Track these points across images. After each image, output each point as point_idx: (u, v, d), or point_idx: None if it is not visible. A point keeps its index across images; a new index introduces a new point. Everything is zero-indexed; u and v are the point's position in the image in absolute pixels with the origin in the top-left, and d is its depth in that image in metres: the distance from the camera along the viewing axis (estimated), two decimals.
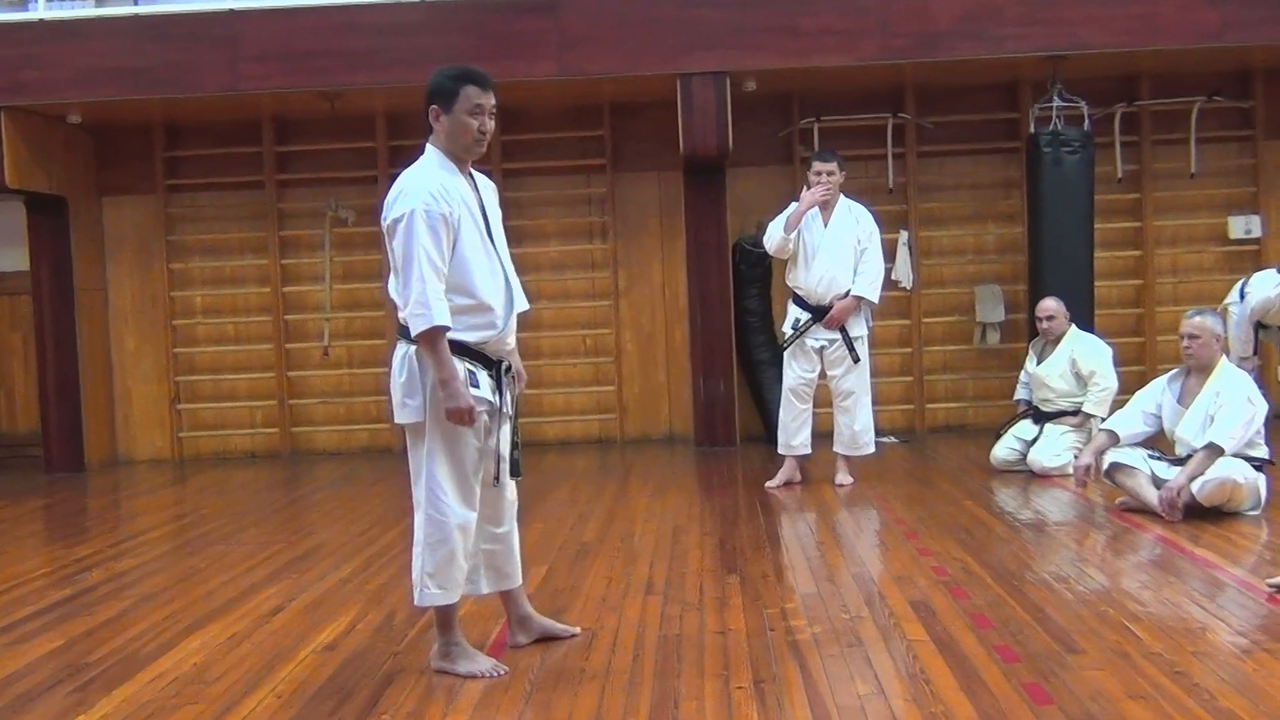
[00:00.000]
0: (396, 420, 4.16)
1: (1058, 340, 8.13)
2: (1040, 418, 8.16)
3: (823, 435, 8.18)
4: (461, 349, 4.03)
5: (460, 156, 4.13)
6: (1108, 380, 7.92)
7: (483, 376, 4.10)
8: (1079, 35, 9.06)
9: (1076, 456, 7.23)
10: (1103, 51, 9.15)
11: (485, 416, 4.12)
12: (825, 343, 7.66)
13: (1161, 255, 10.57)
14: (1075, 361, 8.01)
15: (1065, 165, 9.33)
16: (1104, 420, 7.25)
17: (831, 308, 7.57)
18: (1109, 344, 8.23)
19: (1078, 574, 5.26)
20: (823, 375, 7.80)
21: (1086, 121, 9.59)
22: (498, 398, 4.15)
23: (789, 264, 7.75)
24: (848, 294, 7.58)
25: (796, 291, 7.71)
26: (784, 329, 7.85)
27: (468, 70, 4.12)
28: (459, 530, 4.11)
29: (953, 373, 10.71)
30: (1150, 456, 6.56)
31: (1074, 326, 8.18)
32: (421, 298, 3.89)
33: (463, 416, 3.96)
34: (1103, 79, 10.05)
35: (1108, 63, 9.57)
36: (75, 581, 6.01)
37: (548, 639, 4.51)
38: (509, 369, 4.22)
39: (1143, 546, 5.84)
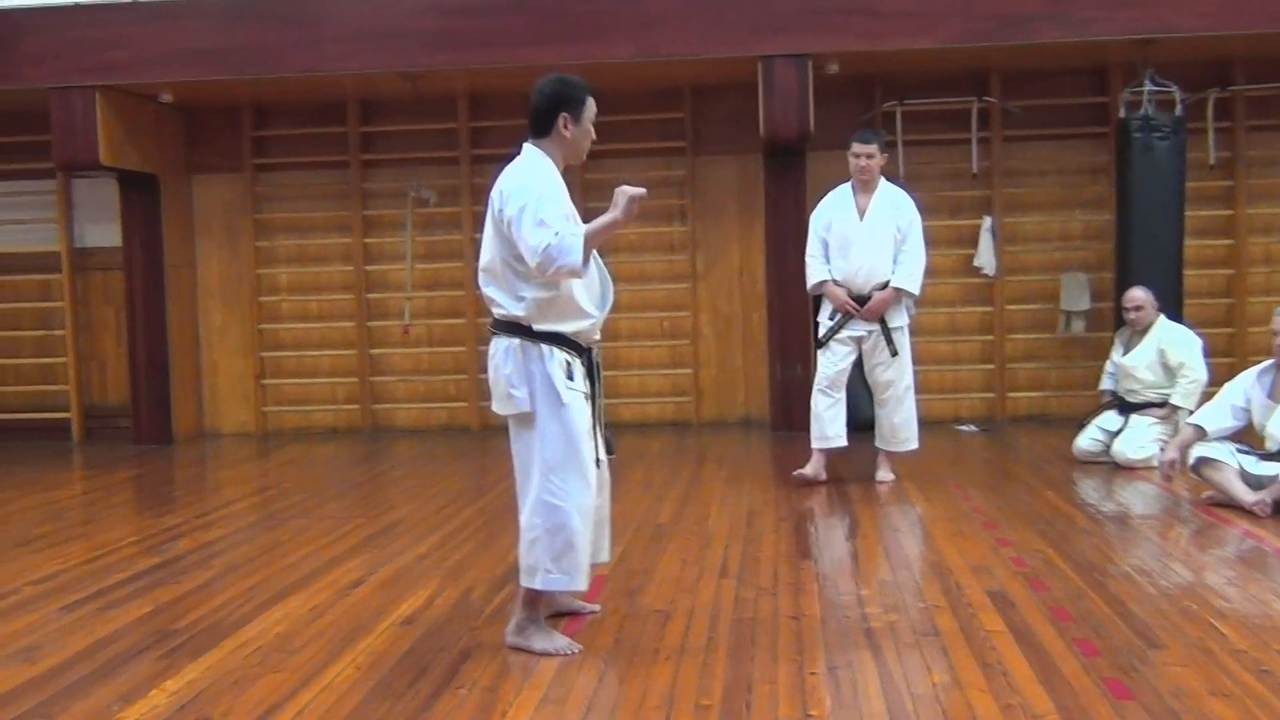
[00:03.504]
0: (501, 411, 4.25)
1: (1145, 330, 7.97)
2: (1125, 409, 8.02)
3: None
4: (558, 338, 4.16)
5: (569, 163, 4.29)
6: (1197, 372, 7.74)
7: (578, 367, 4.21)
8: (1167, 18, 8.84)
9: (1162, 449, 7.11)
10: (1192, 35, 8.93)
11: (585, 401, 4.23)
12: (863, 333, 7.30)
13: (1254, 244, 10.30)
14: (1164, 352, 7.84)
15: (1156, 151, 9.12)
16: (1191, 413, 7.10)
17: (870, 298, 7.24)
18: (1198, 335, 8.04)
19: (1161, 568, 5.17)
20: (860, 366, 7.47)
21: (1179, 106, 9.37)
22: (588, 385, 4.26)
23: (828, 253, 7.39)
24: (887, 284, 7.23)
25: (834, 282, 7.32)
26: (818, 319, 7.49)
27: (584, 82, 4.29)
28: (578, 513, 4.17)
29: (1035, 361, 10.55)
30: (1239, 451, 6.42)
31: (1163, 317, 8.02)
32: (549, 244, 3.91)
33: (633, 205, 3.94)
34: (1195, 63, 9.80)
35: (1200, 46, 9.34)
36: (163, 550, 6.16)
37: (565, 614, 4.61)
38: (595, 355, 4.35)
39: (1229, 542, 5.73)
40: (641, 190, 3.94)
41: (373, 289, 11.10)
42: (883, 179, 7.37)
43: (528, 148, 4.27)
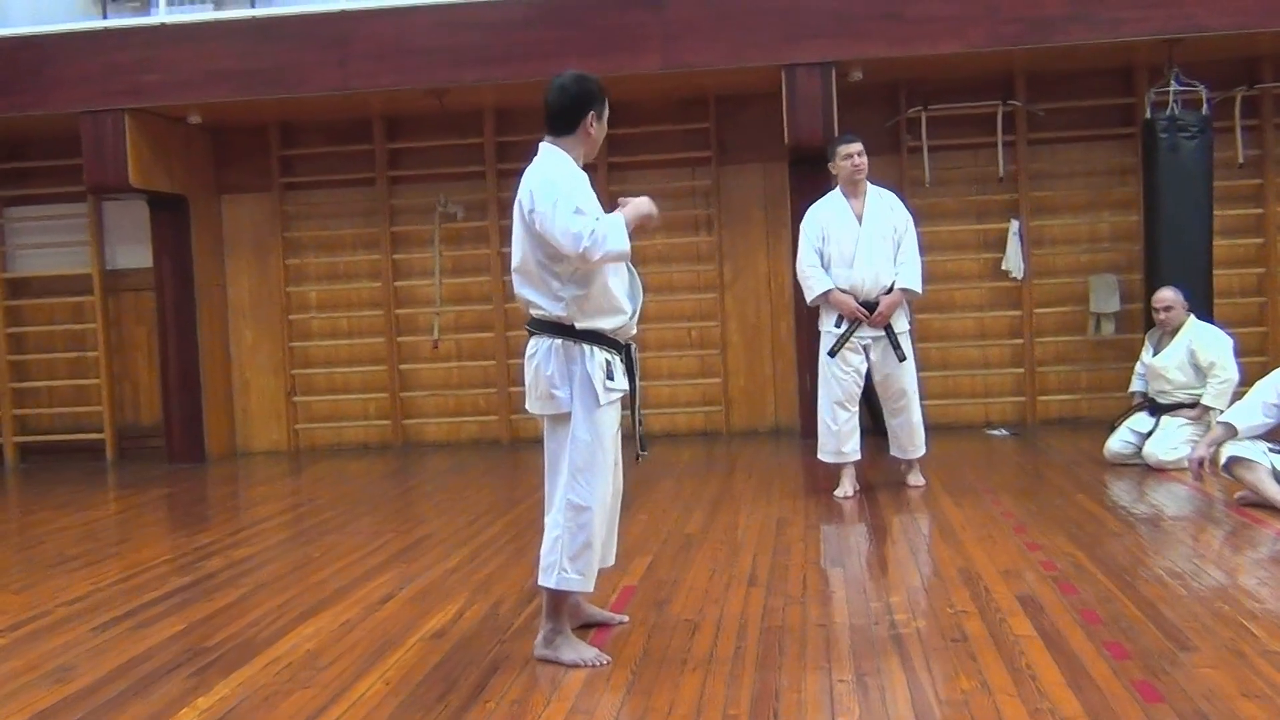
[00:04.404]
0: (540, 411, 4.27)
1: (1175, 331, 7.91)
2: (1157, 410, 7.96)
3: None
4: (598, 336, 4.18)
5: (585, 160, 4.31)
6: (1228, 372, 7.68)
7: (617, 365, 4.23)
8: (1196, 17, 8.78)
9: (1193, 450, 7.05)
10: (1221, 34, 8.87)
11: (619, 403, 4.28)
12: (870, 340, 7.17)
13: None
14: (1194, 353, 7.78)
15: (1183, 151, 9.06)
16: (1223, 413, 7.03)
17: (878, 303, 7.10)
18: (1230, 334, 7.97)
19: (1193, 570, 5.12)
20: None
21: (1205, 105, 9.30)
22: (627, 381, 4.29)
23: (827, 263, 7.20)
24: (892, 288, 7.13)
25: (840, 290, 7.13)
26: (823, 329, 7.29)
27: (599, 79, 4.32)
28: (598, 515, 4.21)
29: (1066, 364, 10.49)
30: (1271, 450, 6.35)
31: (1193, 317, 7.96)
32: (593, 228, 3.94)
33: (651, 212, 4.12)
34: (1221, 61, 9.73)
35: (1226, 45, 9.27)
36: (196, 569, 6.21)
37: (593, 626, 4.61)
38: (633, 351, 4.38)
39: (1262, 542, 5.67)
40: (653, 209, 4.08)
41: (402, 305, 11.16)
42: (869, 182, 7.23)
43: (546, 146, 4.26)
